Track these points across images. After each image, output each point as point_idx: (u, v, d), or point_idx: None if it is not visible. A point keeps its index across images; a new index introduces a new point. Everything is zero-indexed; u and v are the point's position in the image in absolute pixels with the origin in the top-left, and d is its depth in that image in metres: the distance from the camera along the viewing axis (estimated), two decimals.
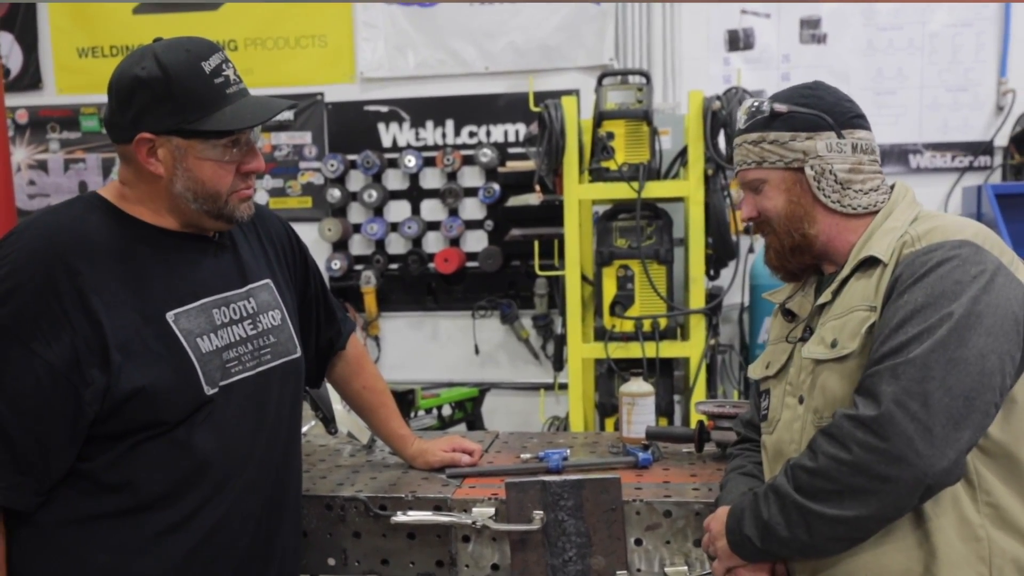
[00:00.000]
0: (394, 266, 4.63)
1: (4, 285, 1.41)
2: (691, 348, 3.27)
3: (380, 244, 4.63)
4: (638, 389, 2.22)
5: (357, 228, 4.63)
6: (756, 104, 1.57)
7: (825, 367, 1.47)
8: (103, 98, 1.54)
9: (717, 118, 3.20)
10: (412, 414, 3.69)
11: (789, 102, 1.54)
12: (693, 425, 2.16)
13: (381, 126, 4.60)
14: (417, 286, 4.62)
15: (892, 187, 1.57)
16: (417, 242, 4.60)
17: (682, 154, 3.41)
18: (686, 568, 1.77)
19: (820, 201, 1.53)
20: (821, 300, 1.54)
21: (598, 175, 3.28)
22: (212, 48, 1.51)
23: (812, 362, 1.50)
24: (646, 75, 3.41)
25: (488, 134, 4.53)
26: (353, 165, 4.57)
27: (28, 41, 4.79)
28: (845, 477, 1.32)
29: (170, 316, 1.50)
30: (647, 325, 3.20)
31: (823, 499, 1.35)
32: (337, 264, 4.56)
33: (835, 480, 1.33)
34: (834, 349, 1.46)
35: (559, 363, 4.25)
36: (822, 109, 1.53)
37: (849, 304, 1.47)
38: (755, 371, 1.70)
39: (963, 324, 1.30)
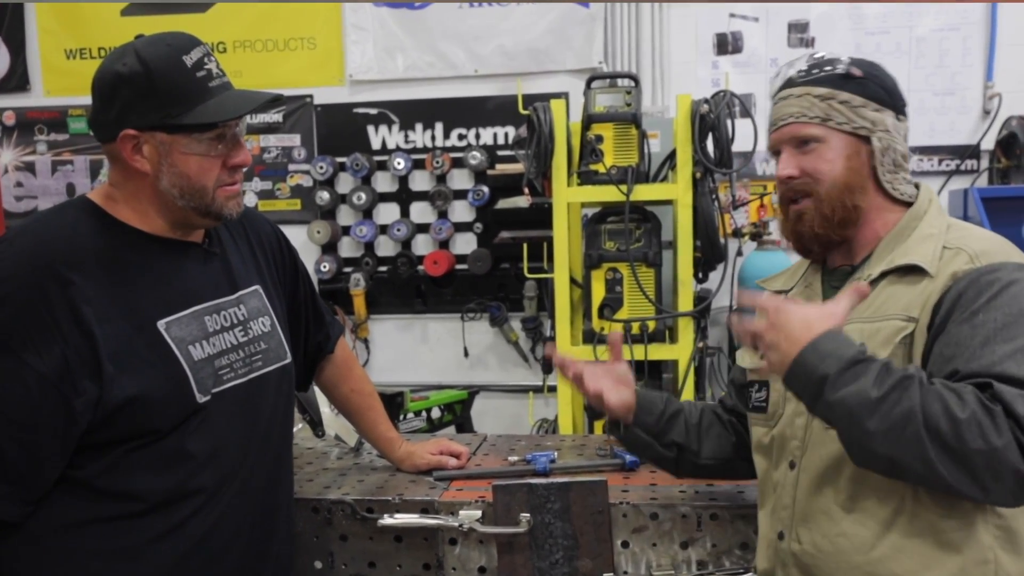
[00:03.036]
0: (383, 268, 4.62)
1: None
2: (679, 351, 3.27)
3: (369, 246, 4.62)
4: None
5: (346, 230, 4.62)
6: (826, 58, 1.50)
7: None
8: (91, 100, 1.52)
9: (705, 121, 3.20)
10: (401, 416, 3.68)
11: (861, 69, 1.48)
12: None
13: (370, 128, 4.59)
14: (406, 288, 4.61)
15: (917, 186, 1.53)
16: (406, 244, 4.59)
17: (670, 157, 3.41)
18: (672, 571, 1.78)
19: (876, 176, 1.47)
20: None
21: (587, 178, 3.28)
22: (193, 42, 1.50)
23: None
24: (635, 78, 3.41)
25: (477, 137, 4.53)
26: (342, 167, 4.57)
27: (15, 43, 4.77)
28: (971, 454, 1.21)
29: (161, 324, 1.49)
30: (636, 328, 3.20)
31: (932, 439, 1.22)
32: (326, 266, 4.55)
33: (960, 442, 1.21)
34: None
35: (548, 366, 4.24)
36: (888, 88, 1.49)
37: (883, 310, 1.42)
38: (745, 359, 1.63)
39: None
